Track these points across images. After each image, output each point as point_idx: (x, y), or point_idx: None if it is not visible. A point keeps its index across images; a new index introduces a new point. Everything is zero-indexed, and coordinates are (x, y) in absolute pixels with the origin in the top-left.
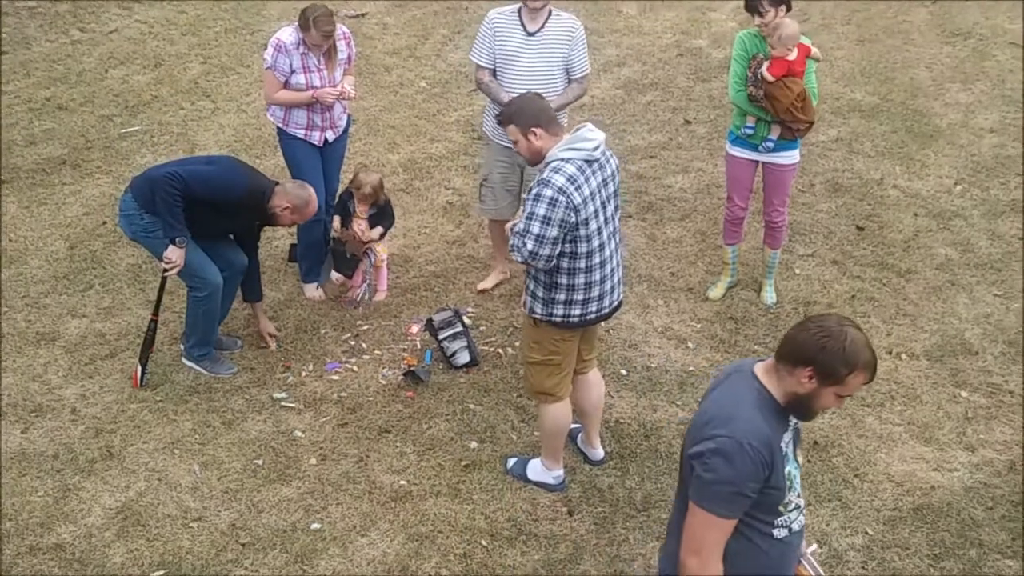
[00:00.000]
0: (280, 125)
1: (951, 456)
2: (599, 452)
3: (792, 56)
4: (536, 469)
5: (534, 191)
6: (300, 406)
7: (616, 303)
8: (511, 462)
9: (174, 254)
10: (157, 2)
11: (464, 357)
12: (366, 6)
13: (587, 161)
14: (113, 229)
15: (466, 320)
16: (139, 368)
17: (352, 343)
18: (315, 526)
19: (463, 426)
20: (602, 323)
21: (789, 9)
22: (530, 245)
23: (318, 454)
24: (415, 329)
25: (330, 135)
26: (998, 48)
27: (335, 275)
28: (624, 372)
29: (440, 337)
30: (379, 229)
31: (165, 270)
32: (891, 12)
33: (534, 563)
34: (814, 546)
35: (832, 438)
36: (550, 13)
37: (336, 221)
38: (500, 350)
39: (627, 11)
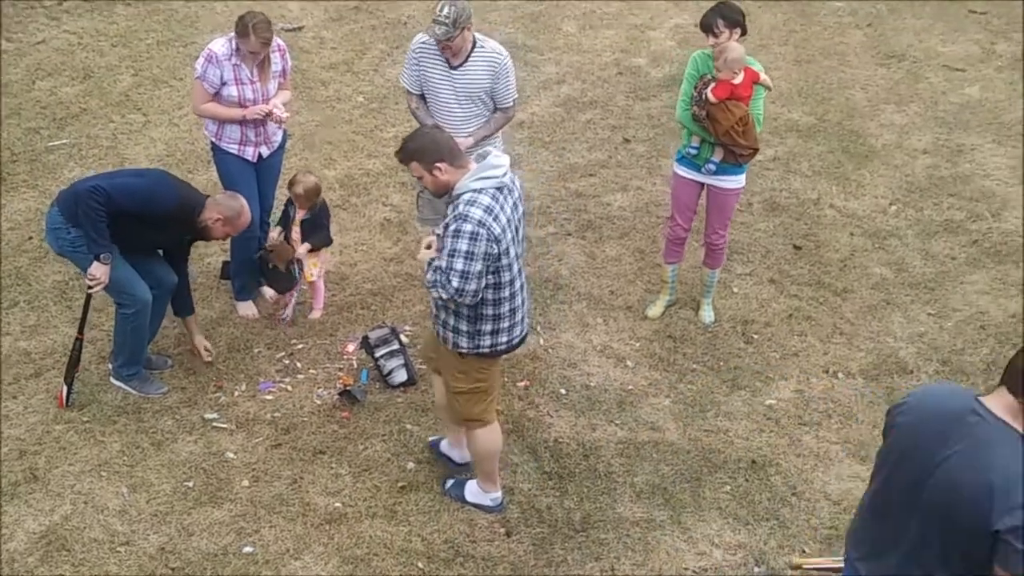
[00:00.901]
0: (213, 140)
1: None
2: (466, 454)
3: (737, 80)
4: (473, 491)
5: (452, 227)
6: (232, 427)
7: (527, 330)
8: (448, 483)
9: (98, 271)
10: (87, 12)
11: (401, 375)
12: (303, 19)
13: (499, 188)
14: (39, 245)
15: (403, 338)
16: (64, 388)
17: (286, 362)
18: (247, 549)
19: (400, 447)
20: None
21: (744, 32)
22: (455, 283)
23: (250, 476)
24: (351, 348)
25: (264, 150)
26: (931, 70)
27: (267, 290)
28: (563, 391)
29: (377, 355)
30: (306, 245)
31: (89, 287)
32: (827, 34)
33: None
34: None
35: (770, 457)
36: (475, 44)
37: (274, 231)
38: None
39: (567, 29)
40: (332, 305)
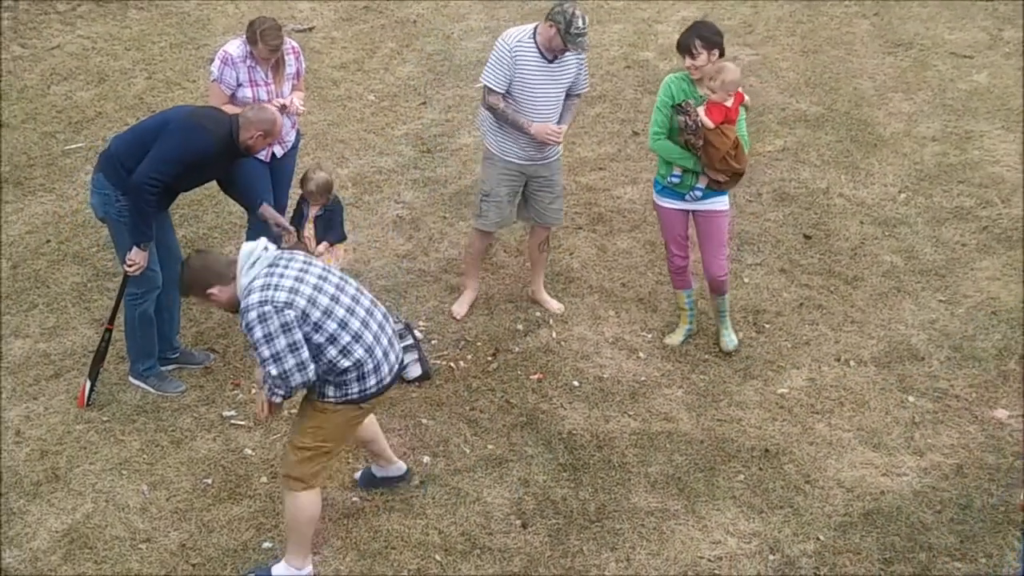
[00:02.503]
0: None
1: (900, 461)
2: (401, 465)
3: (730, 102)
4: (282, 571)
5: (244, 325)
6: (250, 424)
7: (401, 357)
8: None
9: (138, 256)
10: (100, 17)
11: (416, 370)
12: (313, 20)
13: (270, 264)
14: (57, 248)
15: (417, 334)
16: (87, 384)
17: None
18: (266, 545)
19: (415, 441)
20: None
21: (722, 54)
22: (273, 369)
23: (269, 472)
24: None
25: (278, 150)
26: (939, 58)
27: None
28: (576, 383)
29: None
30: (322, 244)
31: (128, 269)
32: (834, 24)
33: None
34: None
35: (783, 445)
36: None
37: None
38: (452, 364)
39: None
40: None
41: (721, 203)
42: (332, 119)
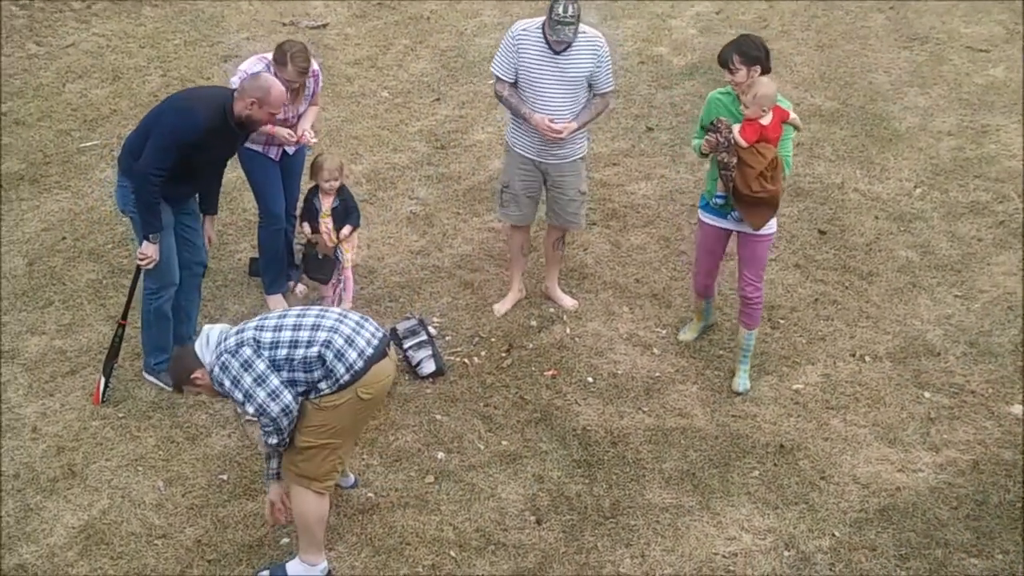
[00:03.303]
0: None
1: (915, 457)
2: (350, 478)
3: (765, 120)
4: (296, 568)
5: (227, 385)
6: None
7: (381, 332)
8: (263, 574)
9: (149, 249)
10: (115, 15)
11: (430, 366)
12: (327, 17)
13: (237, 333)
14: (73, 245)
15: (431, 330)
16: (101, 380)
17: None
18: (283, 541)
19: (430, 437)
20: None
21: (765, 70)
22: (251, 408)
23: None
24: None
25: (289, 148)
26: (954, 52)
27: (299, 287)
28: (591, 379)
29: (405, 346)
30: (348, 228)
31: (140, 261)
32: (849, 18)
33: (503, 573)
34: None
35: (798, 441)
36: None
37: (305, 227)
38: (466, 360)
39: (588, 19)
40: (360, 298)
41: (768, 227)
42: (346, 116)
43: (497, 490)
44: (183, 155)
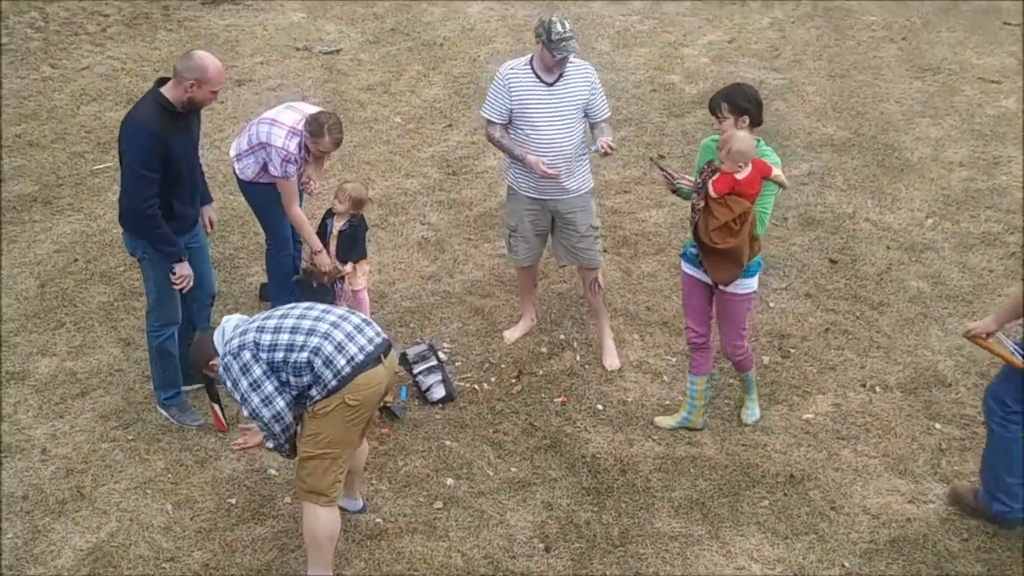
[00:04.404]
0: (251, 178)
1: (926, 488)
2: (359, 503)
3: (741, 175)
4: None
5: (228, 385)
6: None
7: (381, 337)
8: None
9: (182, 269)
10: (129, 39)
11: (439, 392)
12: (340, 42)
13: (241, 334)
14: (85, 267)
15: (441, 355)
16: (216, 408)
17: None
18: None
19: (439, 463)
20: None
21: (755, 123)
22: (245, 410)
23: (292, 492)
24: None
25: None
26: (966, 83)
27: None
28: (600, 407)
29: (415, 371)
30: (349, 265)
31: (177, 285)
32: (861, 48)
33: None
34: None
35: (808, 471)
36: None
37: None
38: (476, 386)
39: (601, 47)
40: None
41: (743, 286)
42: (358, 141)
43: (506, 517)
44: (156, 169)
